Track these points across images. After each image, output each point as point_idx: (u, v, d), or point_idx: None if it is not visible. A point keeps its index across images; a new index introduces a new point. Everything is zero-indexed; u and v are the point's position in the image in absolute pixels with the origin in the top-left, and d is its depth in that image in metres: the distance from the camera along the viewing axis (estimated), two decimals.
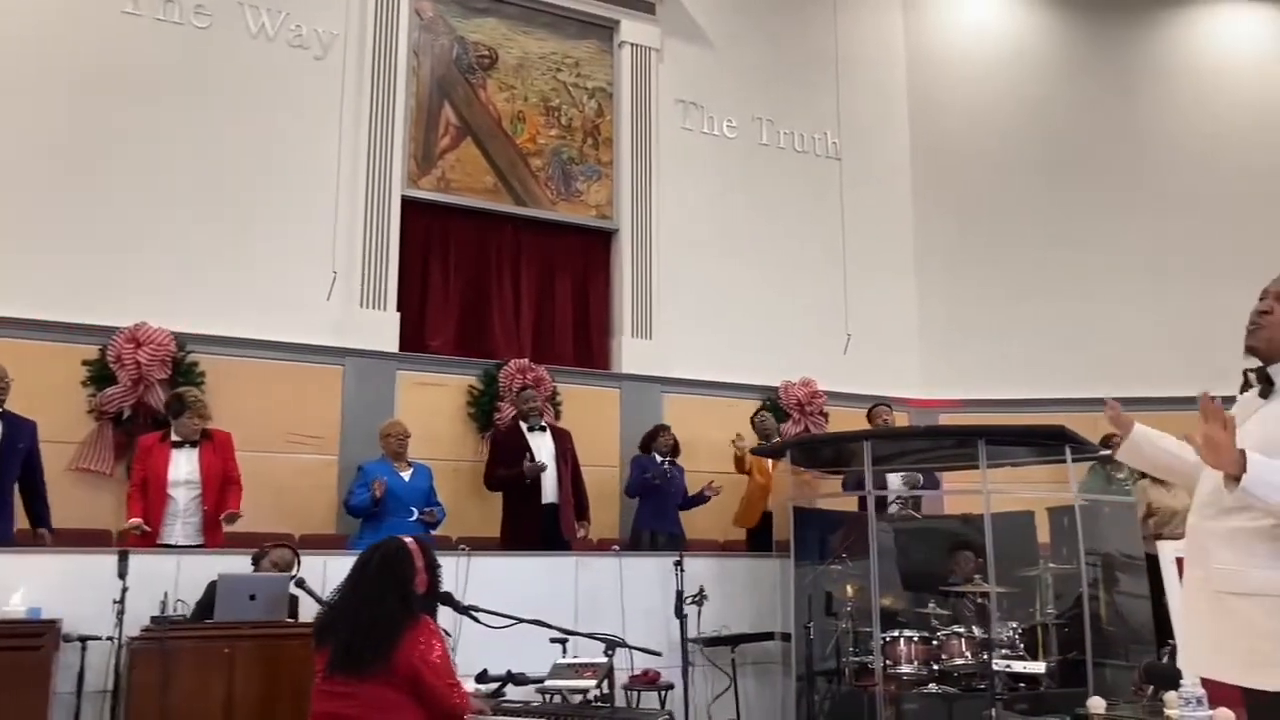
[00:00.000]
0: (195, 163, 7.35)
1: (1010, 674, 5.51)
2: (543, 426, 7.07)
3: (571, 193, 8.66)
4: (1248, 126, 10.22)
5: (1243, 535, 2.40)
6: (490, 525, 7.28)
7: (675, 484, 7.54)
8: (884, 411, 7.99)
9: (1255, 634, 2.35)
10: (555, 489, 6.88)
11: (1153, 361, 9.26)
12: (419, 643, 3.24)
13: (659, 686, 6.14)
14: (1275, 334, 2.53)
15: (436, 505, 6.60)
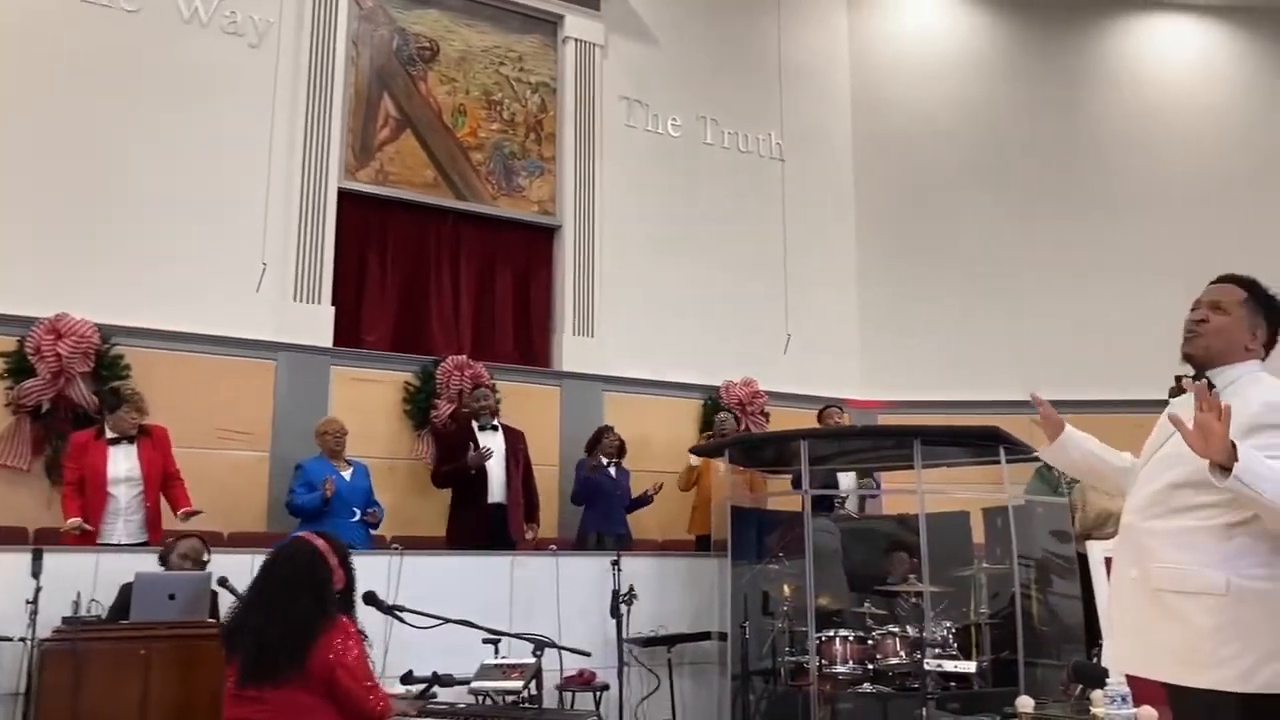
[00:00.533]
0: (121, 150, 7.13)
1: (942, 673, 5.54)
2: (494, 426, 6.98)
3: (513, 188, 8.56)
4: (1183, 134, 10.43)
5: (1190, 535, 2.42)
6: (426, 524, 7.19)
7: (619, 485, 7.47)
8: (835, 413, 8.01)
9: (1195, 633, 2.37)
10: (503, 489, 6.79)
11: (1088, 365, 9.40)
12: (335, 645, 3.14)
13: (594, 687, 6.09)
14: (1212, 341, 2.57)
15: (376, 505, 6.50)
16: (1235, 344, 2.56)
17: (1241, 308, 2.57)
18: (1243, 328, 2.56)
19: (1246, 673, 2.28)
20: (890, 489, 7.93)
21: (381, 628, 4.62)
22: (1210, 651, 2.33)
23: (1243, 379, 2.51)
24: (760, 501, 7.41)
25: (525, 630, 5.94)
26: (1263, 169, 10.32)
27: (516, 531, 6.78)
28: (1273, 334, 2.59)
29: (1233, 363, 2.55)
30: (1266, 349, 2.60)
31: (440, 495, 7.08)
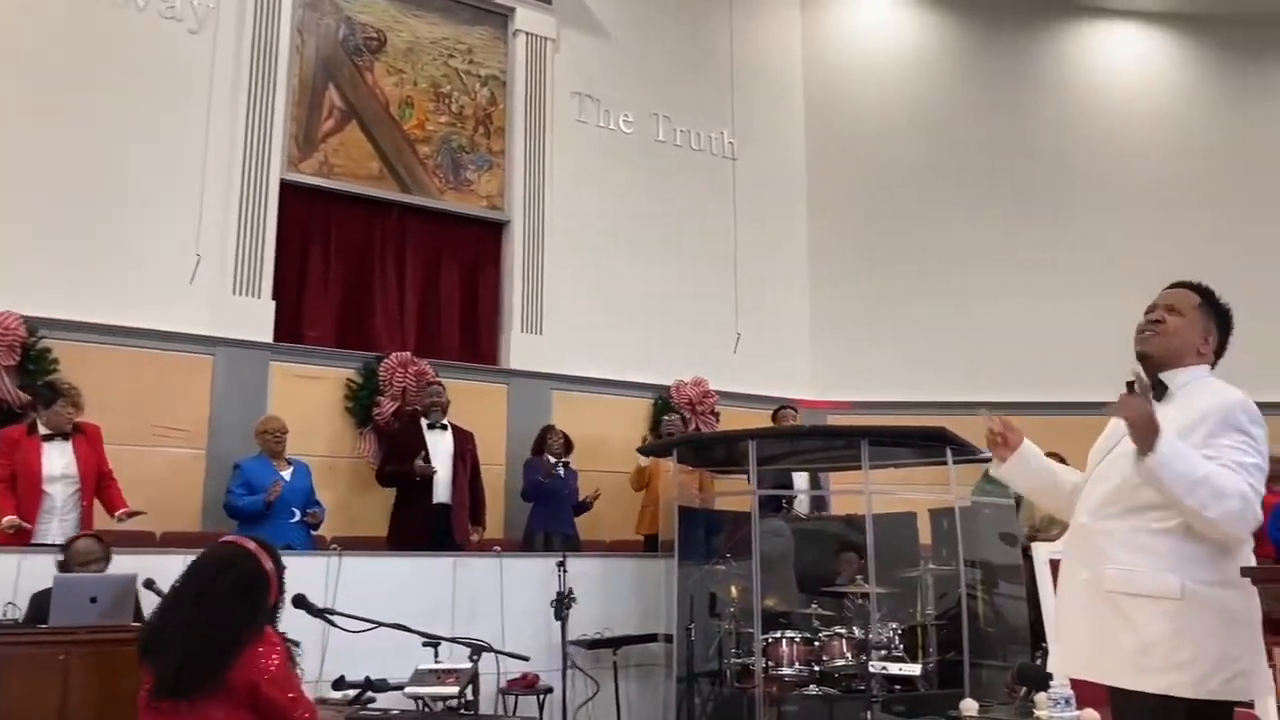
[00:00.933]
0: (50, 137, 6.88)
1: (887, 676, 5.50)
2: (444, 425, 6.84)
3: (461, 182, 8.41)
4: (1129, 139, 10.55)
5: (1145, 536, 2.40)
6: (368, 524, 7.03)
7: (568, 485, 7.35)
8: (790, 414, 7.97)
9: (1148, 637, 2.34)
10: (449, 489, 6.67)
11: (1039, 366, 9.46)
12: (257, 656, 2.97)
13: (537, 690, 6.00)
14: (1168, 342, 2.59)
15: (317, 505, 6.34)
16: (1188, 346, 2.59)
17: (1196, 311, 2.62)
18: (1196, 331, 2.60)
19: (1200, 679, 2.27)
20: (839, 489, 7.91)
21: (319, 632, 4.49)
22: (1163, 656, 2.31)
23: (1194, 383, 2.54)
24: (709, 502, 7.34)
25: (468, 633, 5.85)
26: (1205, 175, 10.46)
27: (461, 534, 6.65)
28: (1222, 342, 2.64)
29: (1185, 365, 2.58)
30: (1216, 356, 2.63)
31: (382, 494, 6.94)
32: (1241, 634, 2.30)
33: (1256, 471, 2.33)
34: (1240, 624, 2.30)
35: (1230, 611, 2.30)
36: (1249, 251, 10.15)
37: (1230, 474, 2.30)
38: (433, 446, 6.69)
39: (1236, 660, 2.29)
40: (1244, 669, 2.29)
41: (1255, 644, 2.31)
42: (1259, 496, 2.30)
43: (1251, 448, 2.36)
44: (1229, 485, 2.28)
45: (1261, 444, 2.40)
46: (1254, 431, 2.40)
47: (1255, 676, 2.31)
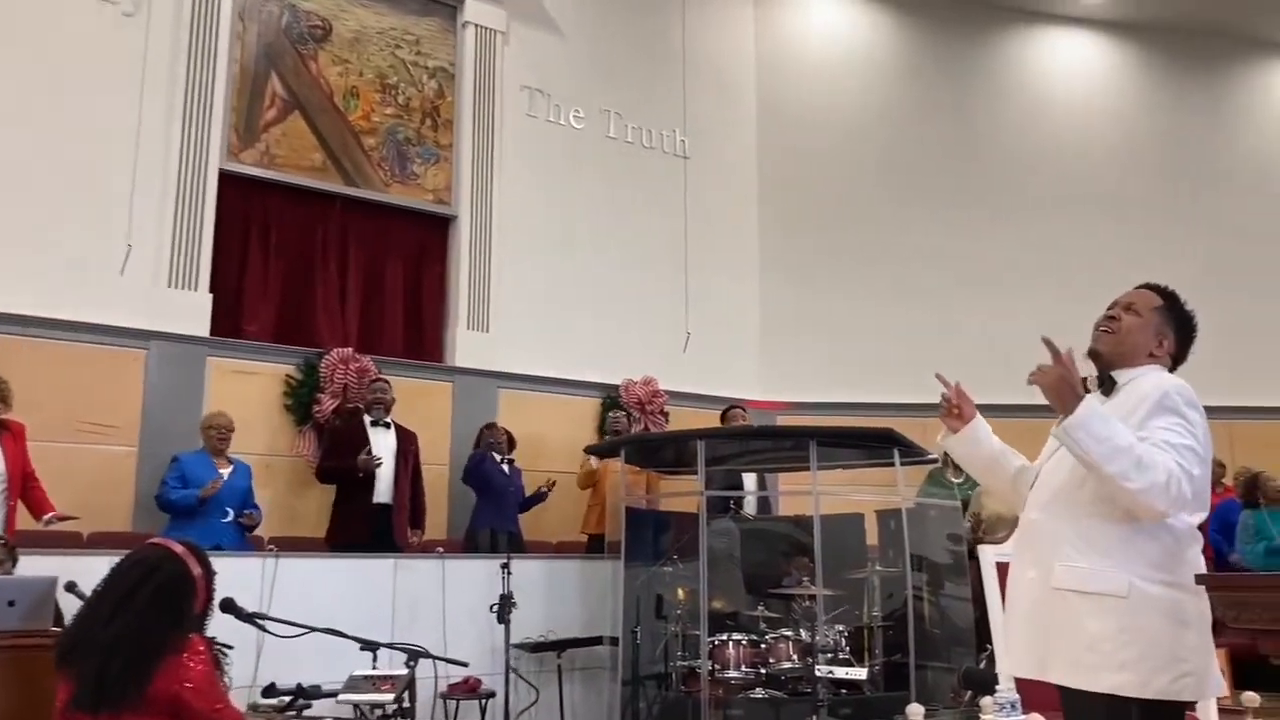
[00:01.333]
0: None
1: (833, 679, 5.47)
2: (387, 423, 6.69)
3: (407, 175, 8.24)
4: (1076, 144, 10.68)
5: (1094, 534, 2.36)
6: (306, 524, 6.86)
7: (513, 482, 7.22)
8: (739, 414, 7.90)
9: (1095, 635, 2.30)
10: (390, 489, 6.51)
11: (989, 368, 9.45)
12: (181, 665, 2.82)
13: (479, 695, 5.89)
14: (1120, 341, 2.56)
15: (254, 507, 6.15)
16: (1140, 347, 2.55)
17: (1154, 314, 2.58)
18: (1149, 333, 2.56)
19: (1145, 678, 2.23)
20: (787, 490, 7.88)
21: (253, 636, 4.33)
22: (1110, 655, 2.26)
23: (1140, 377, 2.51)
24: (655, 503, 7.27)
25: (409, 636, 5.71)
26: (1148, 180, 10.63)
27: (401, 535, 6.51)
28: (1181, 348, 2.60)
29: (1135, 365, 2.54)
30: (1175, 361, 2.59)
31: (321, 494, 6.77)
32: (1189, 635, 2.26)
33: (1188, 453, 2.27)
34: (1189, 625, 2.27)
35: (1179, 612, 2.27)
36: (1190, 255, 10.32)
37: (1158, 450, 2.26)
38: (375, 445, 6.53)
39: (1183, 660, 2.25)
40: (1191, 669, 2.25)
41: (1204, 646, 2.28)
42: (1192, 479, 2.25)
43: (1185, 430, 2.31)
44: (1154, 458, 2.24)
45: (1197, 428, 2.34)
46: (1189, 414, 2.35)
47: (1203, 678, 2.28)
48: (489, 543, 6.91)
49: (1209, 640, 2.31)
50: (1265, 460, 7.83)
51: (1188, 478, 2.24)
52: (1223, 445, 9.26)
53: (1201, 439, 2.33)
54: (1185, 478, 2.23)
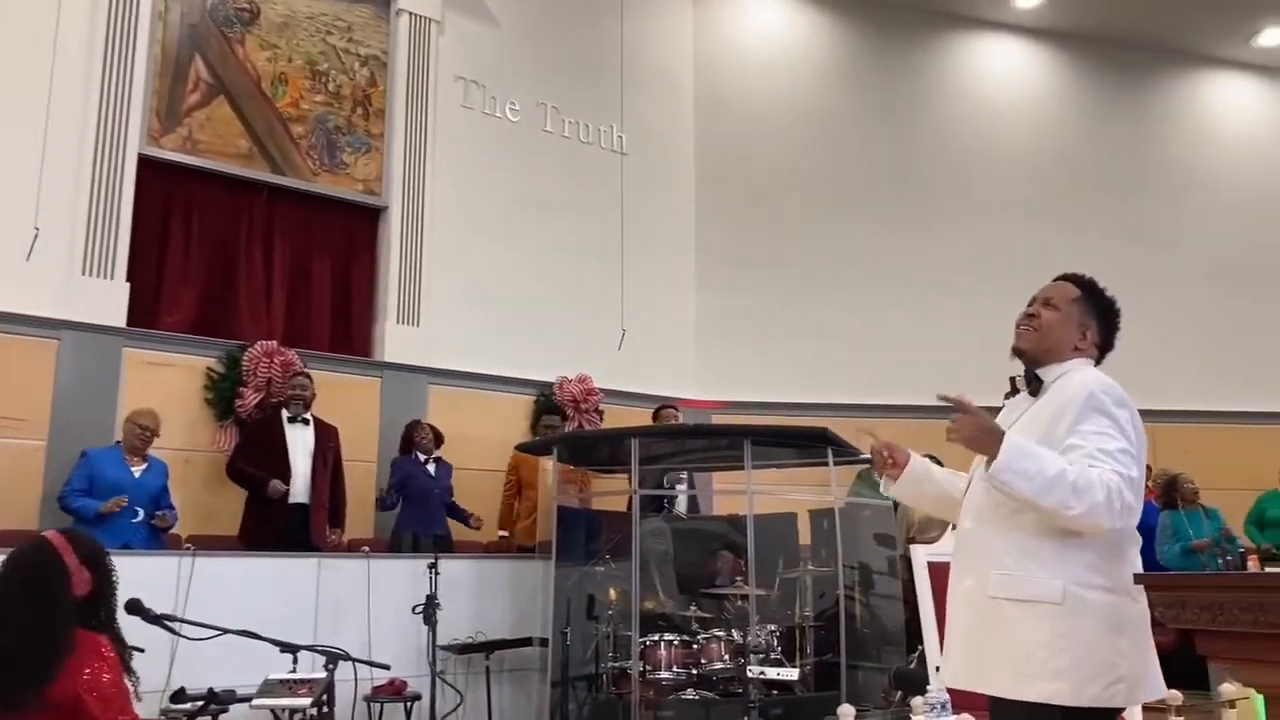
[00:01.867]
0: None
1: (765, 680, 5.42)
2: (305, 419, 6.47)
3: (336, 164, 8.02)
4: (1012, 150, 10.82)
5: (1027, 540, 2.31)
6: (225, 523, 6.61)
7: (438, 483, 7.04)
8: (671, 413, 7.83)
9: (1030, 643, 2.26)
10: (307, 488, 6.29)
11: (923, 370, 9.57)
12: (83, 669, 2.65)
13: (405, 697, 5.75)
14: (1042, 338, 2.52)
15: (170, 507, 5.91)
16: (1063, 341, 2.50)
17: (1074, 306, 2.53)
18: (1072, 325, 2.51)
19: (1078, 686, 2.18)
20: (722, 489, 7.84)
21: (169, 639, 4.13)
22: (1043, 663, 2.22)
23: (1068, 373, 2.45)
24: (587, 501, 7.17)
25: (334, 639, 5.54)
26: (1081, 187, 10.82)
27: (319, 536, 6.30)
28: (1106, 337, 2.55)
29: (1061, 360, 2.49)
30: (1101, 351, 2.55)
31: (242, 491, 6.53)
32: (1124, 640, 2.22)
33: (1124, 456, 2.22)
34: (1124, 629, 2.23)
35: (1115, 616, 2.23)
36: (1118, 261, 10.51)
37: (1090, 467, 2.20)
38: (293, 441, 6.33)
39: (1116, 667, 2.20)
40: (1124, 675, 2.21)
41: (1139, 650, 2.25)
42: (1131, 481, 2.19)
43: (1116, 431, 2.26)
44: (1090, 478, 2.18)
45: (1127, 425, 2.29)
46: (1118, 414, 2.30)
47: (1137, 684, 2.24)
48: (412, 547, 6.75)
49: (1147, 644, 2.27)
50: (1186, 463, 8.01)
51: (1128, 484, 2.19)
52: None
53: (1134, 438, 2.29)
54: (1125, 485, 2.18)
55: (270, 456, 6.24)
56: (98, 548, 2.85)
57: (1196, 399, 10.18)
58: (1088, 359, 2.51)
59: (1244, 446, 9.55)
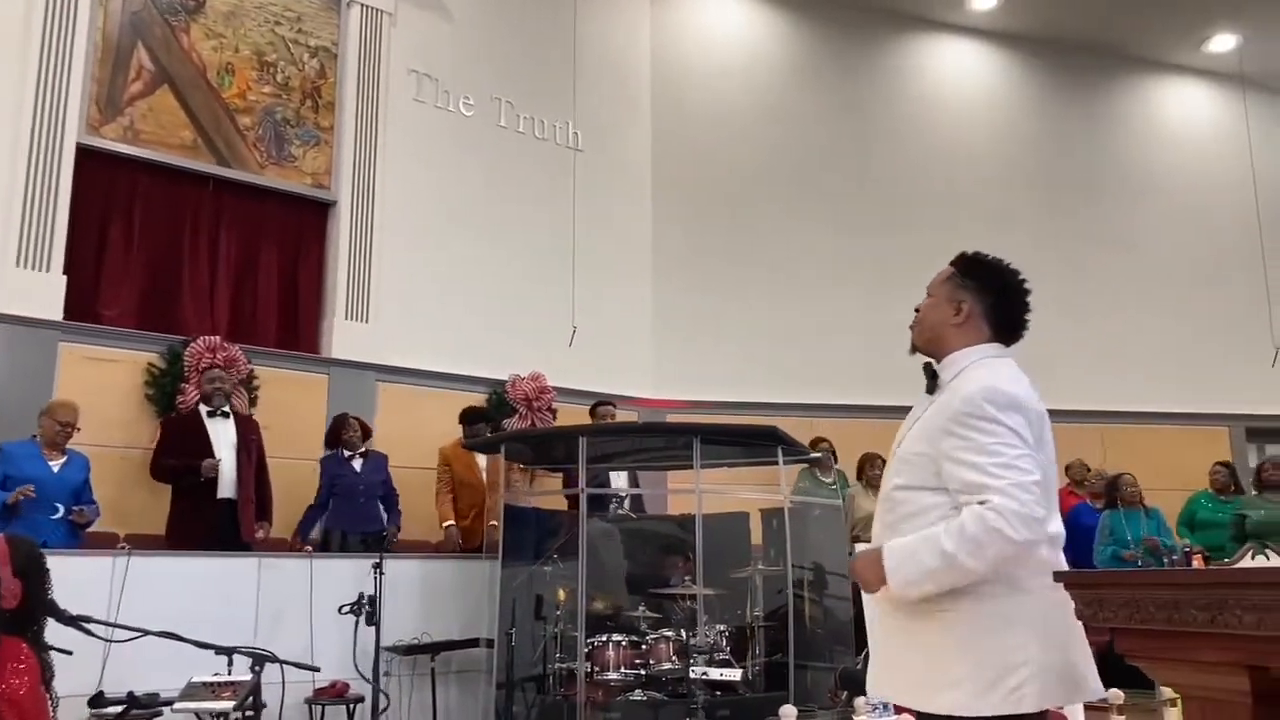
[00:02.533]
0: None
1: (708, 681, 5.37)
2: (225, 413, 6.31)
3: (284, 157, 7.87)
4: (968, 151, 10.88)
5: None
6: (163, 522, 6.44)
7: (364, 480, 6.85)
8: (608, 411, 7.73)
9: (929, 653, 2.19)
10: (234, 484, 6.13)
11: (880, 370, 9.54)
12: (3, 678, 2.55)
13: (346, 700, 5.64)
14: (921, 330, 2.43)
15: (91, 502, 5.73)
16: (941, 325, 2.37)
17: (944, 286, 2.40)
18: (945, 307, 2.37)
19: (978, 694, 2.09)
20: (676, 489, 7.79)
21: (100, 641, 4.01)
22: (943, 672, 2.14)
23: (966, 370, 2.29)
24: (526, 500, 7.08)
25: (274, 640, 5.44)
26: (1035, 189, 10.90)
27: (248, 532, 6.15)
28: (997, 310, 2.34)
29: (955, 348, 2.34)
30: (999, 328, 2.35)
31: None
32: (1019, 637, 2.10)
33: (1000, 470, 2.08)
34: (1016, 625, 2.10)
35: (1004, 612, 2.11)
36: (1072, 265, 10.62)
37: (963, 519, 2.08)
38: (215, 436, 6.16)
39: (1016, 668, 2.08)
40: (1028, 676, 2.08)
41: (1046, 646, 2.10)
42: (1015, 495, 2.06)
43: (998, 441, 2.11)
44: (970, 533, 2.06)
45: (1020, 429, 2.13)
46: (1005, 419, 2.13)
47: (1050, 683, 2.10)
48: (340, 547, 6.60)
49: (1060, 640, 2.12)
50: (1135, 464, 8.08)
51: (1020, 489, 2.06)
52: (1095, 449, 9.57)
53: (1012, 442, 2.12)
54: (1016, 494, 2.06)
55: (193, 453, 6.06)
56: (37, 557, 2.74)
57: (1148, 400, 10.29)
58: (981, 342, 2.33)
59: (1195, 447, 9.68)
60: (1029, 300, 2.37)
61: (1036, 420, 2.21)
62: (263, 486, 6.38)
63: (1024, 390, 2.22)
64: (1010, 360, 2.32)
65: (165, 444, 6.27)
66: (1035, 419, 2.20)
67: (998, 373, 2.24)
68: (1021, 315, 2.36)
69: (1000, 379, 2.21)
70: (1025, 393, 2.22)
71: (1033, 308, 2.41)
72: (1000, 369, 2.27)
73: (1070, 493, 8.22)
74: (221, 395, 6.28)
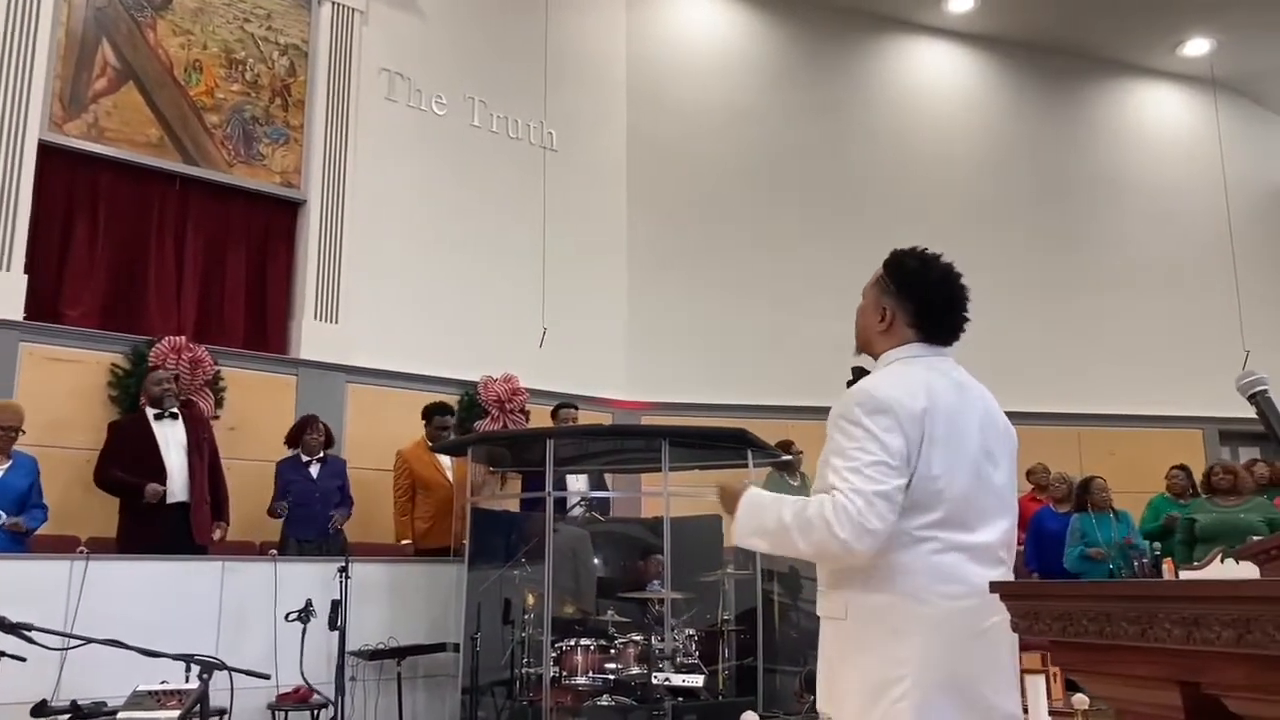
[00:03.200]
0: None
1: (670, 687, 5.33)
2: (174, 414, 6.17)
3: (253, 156, 7.78)
4: (942, 154, 10.89)
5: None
6: None
7: (320, 486, 6.71)
8: (570, 413, 7.67)
9: (826, 662, 2.20)
10: (185, 486, 5.97)
11: (845, 374, 9.52)
12: None
13: (310, 706, 5.56)
14: (856, 335, 2.42)
15: (38, 508, 5.58)
16: (868, 329, 2.36)
17: (872, 289, 2.37)
18: (871, 311, 2.35)
19: (865, 706, 2.06)
20: (647, 492, 7.74)
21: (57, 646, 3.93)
22: (839, 682, 2.14)
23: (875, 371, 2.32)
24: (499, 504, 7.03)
25: (238, 645, 5.39)
26: (1011, 191, 10.92)
27: (202, 534, 6.01)
28: (916, 310, 2.28)
29: (881, 350, 2.33)
30: (923, 329, 2.28)
31: None
32: (906, 648, 2.03)
33: (849, 474, 2.05)
34: (906, 636, 2.04)
35: (892, 622, 2.06)
36: (1048, 266, 10.65)
37: (817, 501, 2.08)
38: (163, 438, 6.00)
39: (896, 681, 2.03)
40: (908, 689, 2.02)
41: (937, 658, 2.03)
42: (864, 495, 2.02)
43: (858, 445, 2.08)
44: (808, 515, 2.07)
45: (882, 434, 2.07)
46: (870, 423, 2.08)
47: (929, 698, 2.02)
48: (296, 552, 6.49)
49: (956, 655, 2.04)
50: (1111, 466, 8.09)
51: (863, 499, 2.02)
52: (1071, 451, 9.59)
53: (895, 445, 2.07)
54: (854, 499, 2.02)
55: (140, 457, 5.90)
56: None
57: (1124, 403, 10.31)
58: (903, 340, 2.28)
59: (1170, 450, 9.70)
60: (962, 297, 2.30)
61: (925, 418, 2.11)
62: (218, 488, 6.24)
63: (905, 392, 2.13)
64: (925, 360, 2.25)
65: (110, 450, 6.06)
66: (914, 419, 2.10)
67: (886, 376, 2.21)
68: (950, 316, 2.29)
69: (881, 382, 2.17)
70: (907, 395, 2.13)
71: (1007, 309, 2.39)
72: (892, 372, 2.23)
73: (1032, 498, 8.20)
74: (170, 396, 6.15)
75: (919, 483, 2.07)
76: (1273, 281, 11.18)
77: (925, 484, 2.08)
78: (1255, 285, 10.84)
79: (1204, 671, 1.27)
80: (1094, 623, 1.39)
